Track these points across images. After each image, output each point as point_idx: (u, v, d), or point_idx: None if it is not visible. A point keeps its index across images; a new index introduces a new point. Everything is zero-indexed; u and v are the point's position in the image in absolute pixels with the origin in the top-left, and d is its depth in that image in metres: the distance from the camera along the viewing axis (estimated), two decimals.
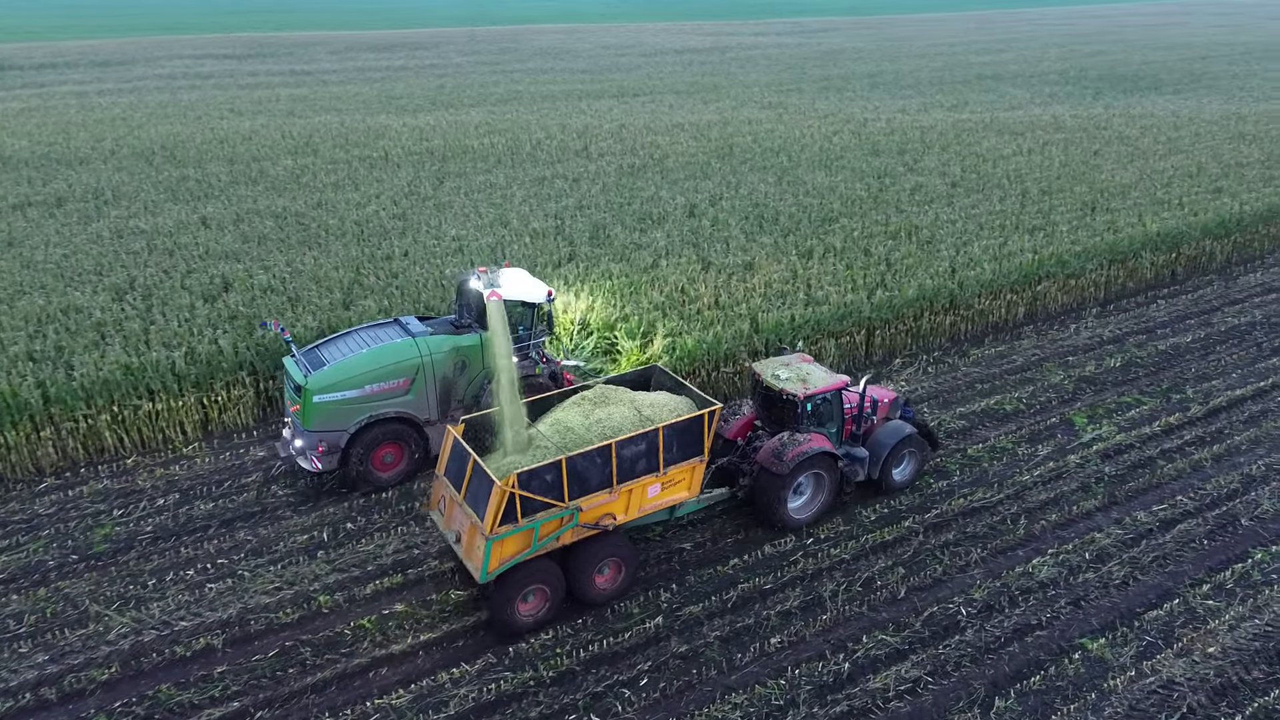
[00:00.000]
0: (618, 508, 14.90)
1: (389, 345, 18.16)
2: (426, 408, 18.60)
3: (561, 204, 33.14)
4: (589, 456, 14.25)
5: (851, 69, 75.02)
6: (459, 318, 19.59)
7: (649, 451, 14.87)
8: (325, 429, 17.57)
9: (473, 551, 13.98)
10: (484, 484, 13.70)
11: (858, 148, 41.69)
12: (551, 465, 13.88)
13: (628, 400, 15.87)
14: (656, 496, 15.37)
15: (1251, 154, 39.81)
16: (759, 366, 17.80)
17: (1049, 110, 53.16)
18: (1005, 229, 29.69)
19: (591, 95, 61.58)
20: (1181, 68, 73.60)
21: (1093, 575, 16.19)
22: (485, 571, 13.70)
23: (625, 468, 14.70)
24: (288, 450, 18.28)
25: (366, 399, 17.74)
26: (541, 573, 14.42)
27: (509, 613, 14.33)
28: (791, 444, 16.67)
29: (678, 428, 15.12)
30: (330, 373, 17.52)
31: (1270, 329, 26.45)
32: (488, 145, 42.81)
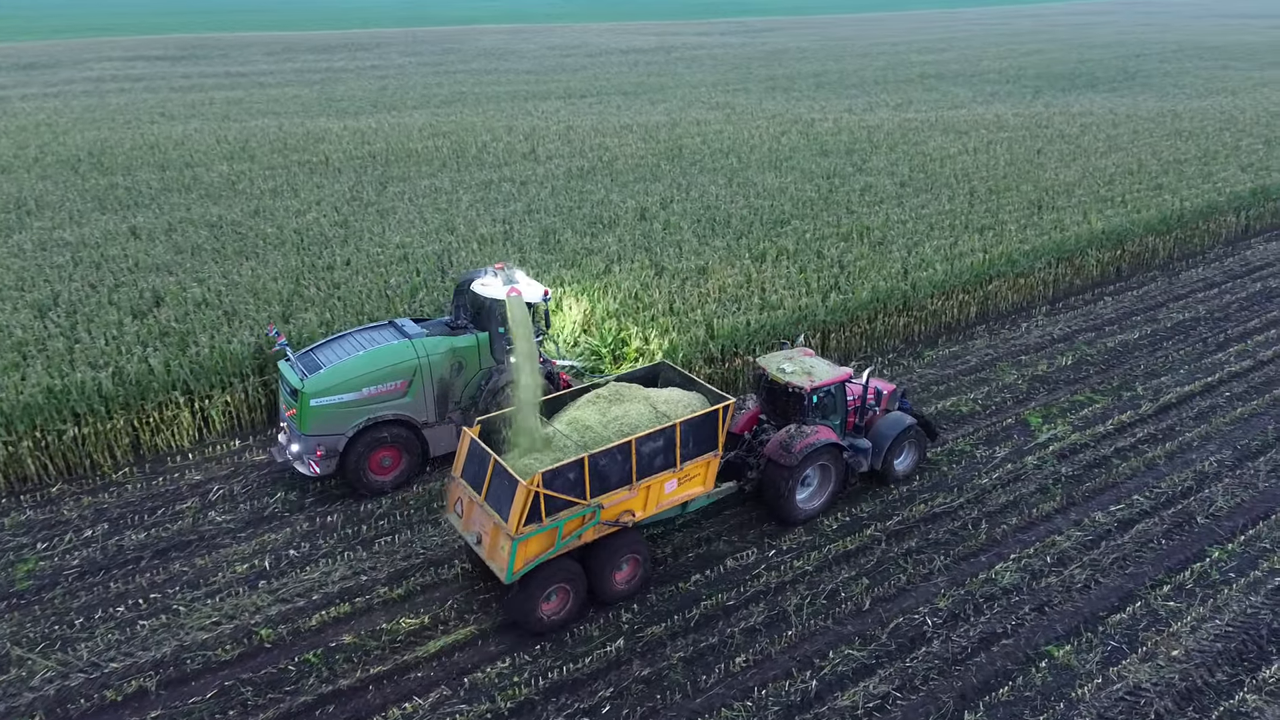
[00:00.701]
0: (636, 504, 14.92)
1: (386, 347, 17.91)
2: (424, 410, 18.40)
3: (509, 208, 32.43)
4: (610, 454, 14.26)
5: (796, 69, 75.33)
6: (454, 319, 19.32)
7: (666, 447, 14.96)
8: (323, 433, 17.31)
9: (496, 552, 13.87)
10: (507, 484, 13.67)
11: (806, 148, 41.65)
12: (574, 463, 13.84)
13: (642, 397, 15.89)
14: (673, 492, 15.46)
15: (1189, 151, 40.66)
16: (764, 361, 18.03)
17: (991, 109, 53.84)
18: (955, 229, 29.77)
19: (537, 96, 60.83)
20: (1115, 65, 75.30)
21: (1055, 579, 16.09)
22: (511, 572, 13.59)
23: (644, 464, 14.75)
24: (284, 455, 17.97)
25: (364, 402, 17.54)
26: (564, 572, 14.38)
27: (532, 613, 14.26)
28: (799, 436, 16.84)
29: (694, 423, 15.20)
30: (327, 376, 17.26)
31: (1214, 324, 26.87)
32: (432, 148, 41.89)
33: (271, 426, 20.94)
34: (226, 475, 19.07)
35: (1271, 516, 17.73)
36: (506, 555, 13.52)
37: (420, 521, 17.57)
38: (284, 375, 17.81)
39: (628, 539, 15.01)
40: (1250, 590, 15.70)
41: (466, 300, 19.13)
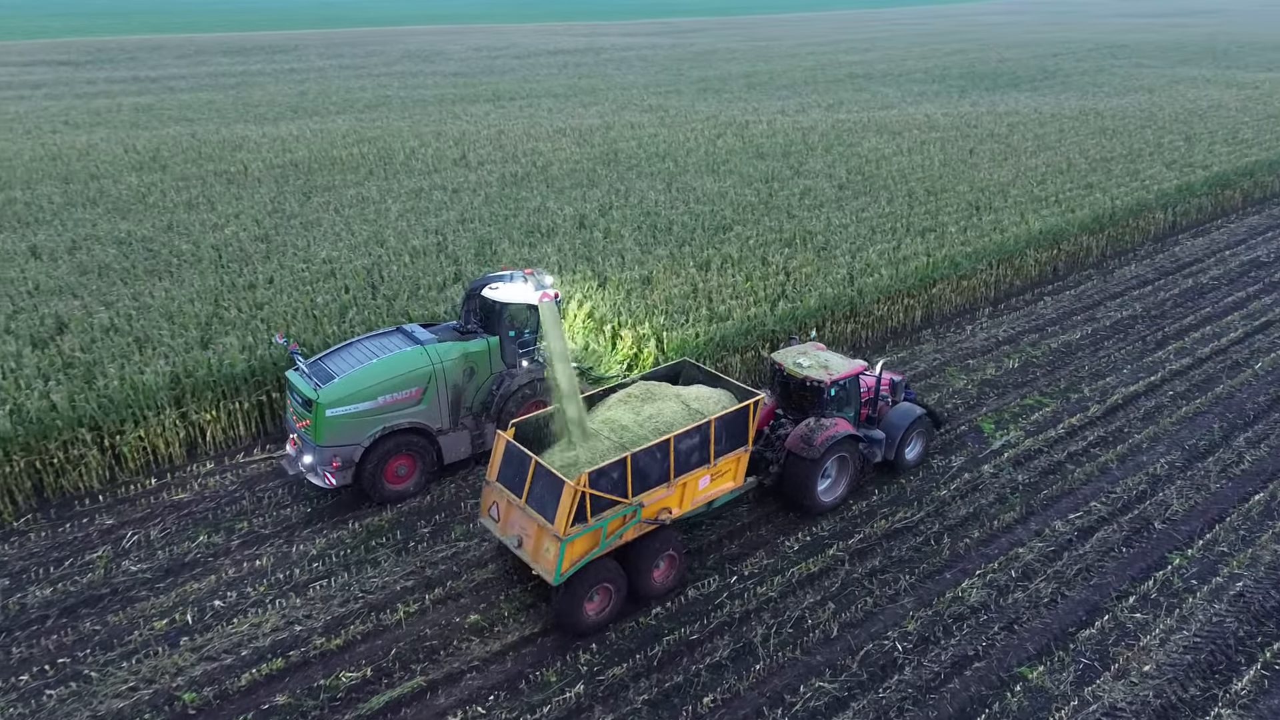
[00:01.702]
0: (673, 501, 15.06)
1: (399, 354, 17.61)
2: (438, 417, 18.18)
3: (442, 218, 31.17)
4: (650, 452, 14.37)
5: (727, 70, 75.21)
6: (463, 323, 19.08)
7: (702, 444, 15.15)
8: (338, 443, 17.03)
9: (541, 555, 13.87)
10: (551, 485, 13.68)
11: (743, 151, 41.24)
12: (618, 463, 13.90)
13: (673, 395, 16.06)
14: (707, 488, 15.66)
15: (1114, 149, 41.44)
16: (779, 356, 18.28)
17: (920, 109, 54.33)
18: (897, 232, 29.59)
19: (466, 99, 59.35)
20: (1035, 65, 77.04)
21: (1021, 595, 15.74)
22: (559, 574, 13.58)
23: (681, 461, 14.90)
24: (296, 467, 17.66)
25: (379, 410, 17.29)
26: (606, 572, 14.41)
27: (579, 614, 14.28)
28: (819, 429, 17.12)
29: (727, 419, 15.41)
30: (341, 385, 16.92)
31: (1151, 322, 27.17)
32: (357, 155, 40.25)
33: (192, 461, 19.47)
34: (142, 518, 17.57)
35: (1226, 519, 17.72)
36: (553, 557, 13.55)
37: (359, 561, 16.39)
38: (295, 385, 17.39)
39: (664, 536, 15.11)
40: (1213, 598, 15.58)
41: (476, 305, 18.96)
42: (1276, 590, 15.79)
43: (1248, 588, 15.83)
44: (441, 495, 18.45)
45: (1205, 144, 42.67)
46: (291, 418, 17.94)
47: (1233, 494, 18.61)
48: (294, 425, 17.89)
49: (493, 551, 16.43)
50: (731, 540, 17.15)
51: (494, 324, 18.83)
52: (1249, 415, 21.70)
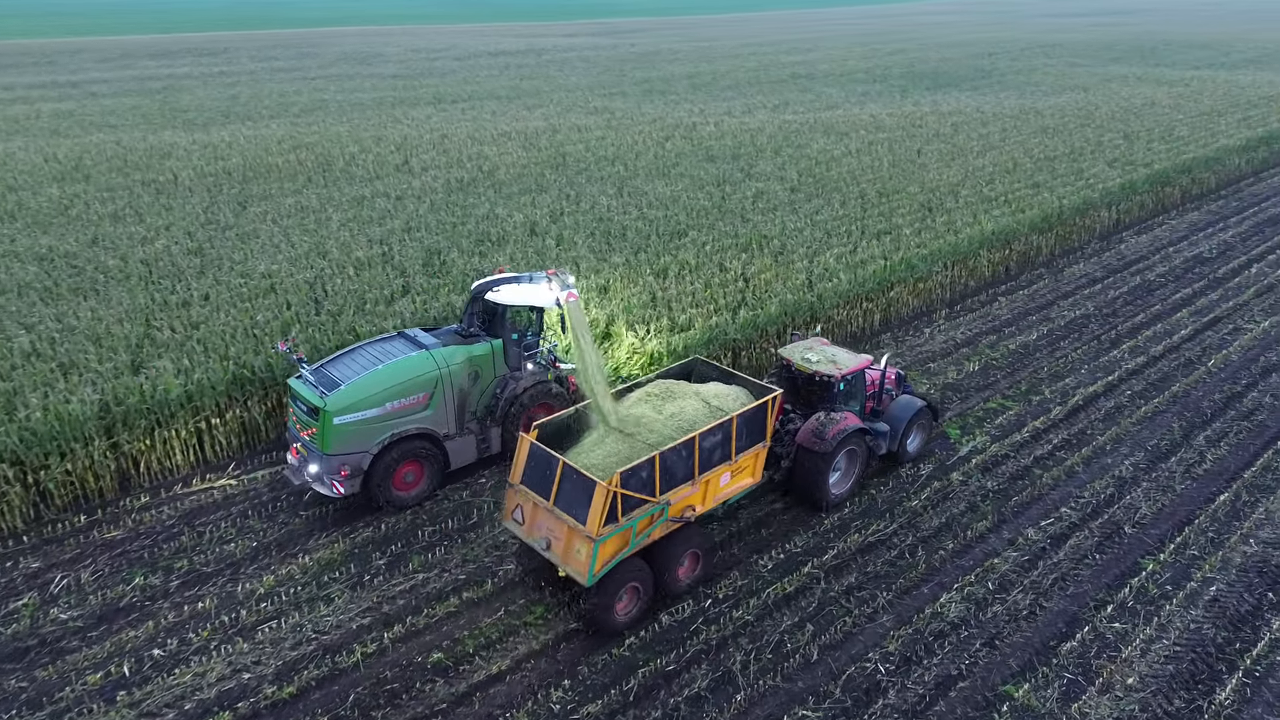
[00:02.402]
0: (697, 499, 15.10)
1: (406, 359, 17.42)
2: (445, 422, 18.01)
3: (386, 227, 30.04)
4: (676, 450, 14.43)
5: (670, 70, 74.84)
6: (466, 327, 18.85)
7: (724, 441, 15.26)
8: (346, 451, 16.75)
9: (572, 556, 13.81)
10: (581, 486, 13.65)
11: (692, 153, 40.77)
12: (647, 462, 13.92)
13: (692, 392, 16.16)
14: (728, 485, 15.76)
15: (1057, 148, 41.96)
16: (786, 352, 18.42)
17: (865, 109, 54.54)
18: (853, 235, 29.36)
19: (406, 102, 57.92)
20: (971, 64, 78.18)
21: (1000, 608, 15.44)
22: (592, 574, 13.55)
23: (704, 459, 14.99)
24: (301, 477, 17.29)
25: (387, 417, 17.05)
26: (634, 570, 14.40)
27: (610, 615, 14.25)
28: (830, 423, 17.33)
29: (747, 415, 15.57)
30: (348, 392, 16.61)
31: (1103, 320, 27.35)
32: (294, 162, 38.77)
33: (125, 495, 18.21)
34: (71, 560, 16.33)
35: (1194, 521, 17.70)
36: (585, 558, 13.51)
37: (311, 599, 15.41)
38: (299, 393, 17.03)
39: (688, 534, 15.16)
40: (1189, 604, 15.47)
41: (479, 308, 18.77)
42: (1249, 593, 15.75)
43: (1221, 592, 15.76)
44: (396, 524, 17.53)
45: (1144, 142, 43.49)
46: (295, 426, 17.45)
47: (1198, 495, 18.62)
48: (297, 434, 17.41)
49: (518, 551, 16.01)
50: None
51: (497, 327, 18.77)
52: (1206, 414, 21.85)
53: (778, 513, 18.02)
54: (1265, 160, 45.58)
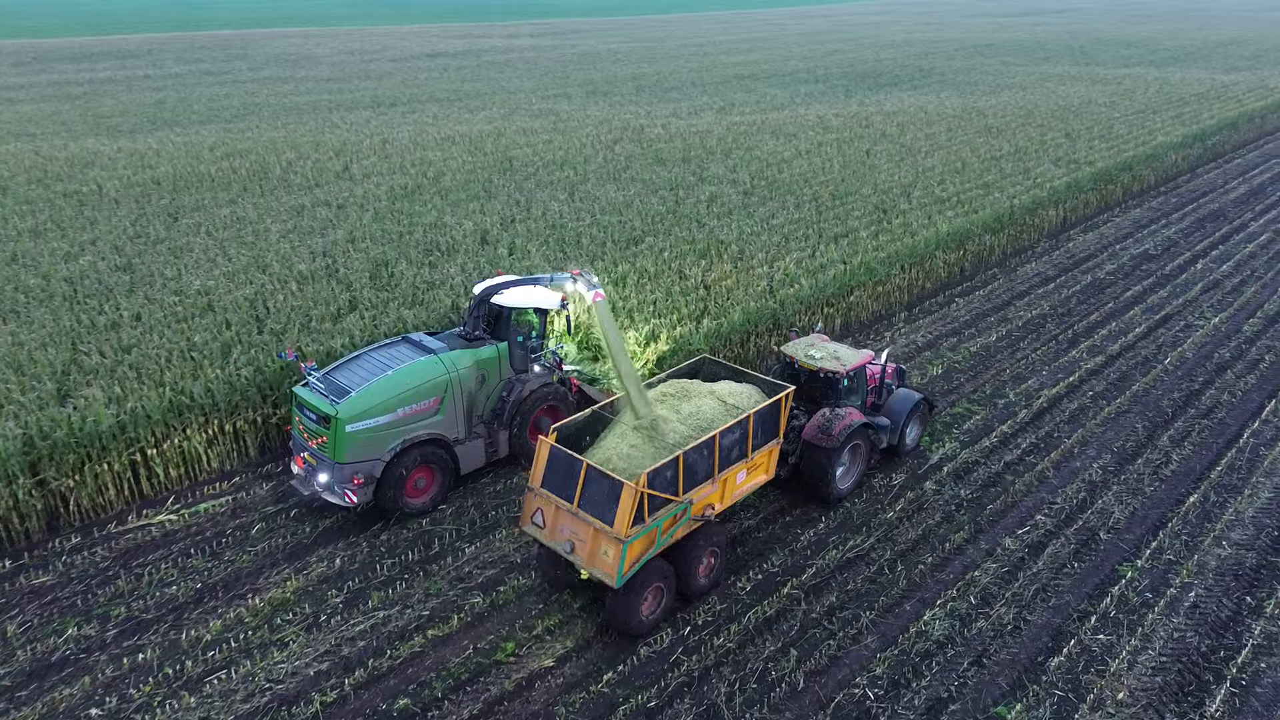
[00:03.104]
0: (716, 497, 15.14)
1: (415, 364, 17.19)
2: (455, 426, 17.85)
3: (329, 238, 28.77)
4: (698, 449, 14.45)
5: (613, 72, 74.16)
6: (469, 330, 18.61)
7: (741, 439, 15.35)
8: (359, 459, 16.49)
9: (597, 558, 13.72)
10: (607, 488, 13.58)
11: (642, 156, 40.13)
12: (670, 462, 13.91)
13: (707, 391, 16.22)
14: (744, 482, 15.83)
15: (1002, 147, 42.32)
16: (789, 349, 18.56)
17: (811, 110, 54.55)
18: (810, 239, 29.03)
19: (343, 106, 56.22)
20: (910, 64, 79.02)
21: (985, 624, 15.10)
22: (621, 575, 13.52)
23: (723, 457, 15.05)
24: (310, 487, 16.97)
25: (399, 423, 16.83)
26: (658, 571, 14.38)
27: (636, 616, 14.20)
28: (835, 419, 17.51)
29: (763, 413, 15.68)
30: (360, 399, 16.32)
31: (1060, 320, 27.45)
32: (228, 170, 37.12)
33: (54, 536, 16.87)
34: None
35: (1167, 525, 17.63)
36: (613, 559, 13.48)
37: (263, 644, 14.37)
38: (306, 402, 16.69)
39: (707, 533, 15.20)
40: (1170, 611, 15.32)
41: (484, 311, 18.63)
42: (1227, 598, 15.68)
43: (1200, 598, 15.66)
44: (352, 557, 16.54)
45: (1085, 140, 44.14)
46: (301, 436, 17.07)
47: (1167, 497, 18.59)
48: (303, 443, 17.04)
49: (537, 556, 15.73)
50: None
51: (502, 330, 18.69)
52: (1167, 413, 21.94)
53: (752, 530, 17.49)
54: (1200, 156, 46.68)
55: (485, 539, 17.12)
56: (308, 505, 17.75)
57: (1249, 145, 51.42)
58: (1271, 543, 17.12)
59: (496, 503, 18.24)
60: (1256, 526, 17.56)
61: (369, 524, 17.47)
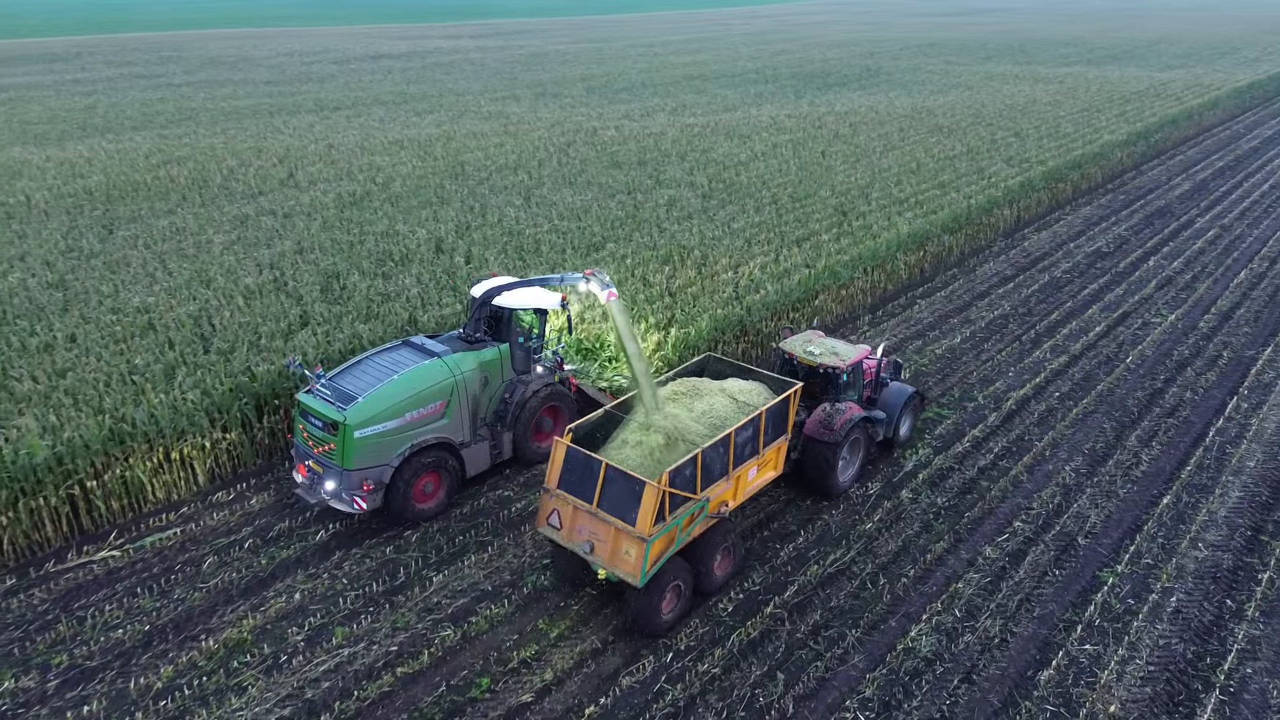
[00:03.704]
0: (729, 494, 15.26)
1: (420, 368, 17.06)
2: (461, 430, 17.74)
3: (276, 249, 27.63)
4: (715, 447, 14.56)
5: (562, 73, 73.37)
6: (470, 332, 18.47)
7: (754, 436, 15.54)
8: (368, 465, 16.37)
9: (619, 558, 13.78)
10: (629, 487, 13.62)
11: (597, 160, 39.51)
12: (690, 460, 14.00)
13: (718, 389, 16.43)
14: (755, 478, 16.01)
15: (955, 147, 42.59)
16: (788, 345, 18.79)
17: (763, 110, 54.44)
18: (773, 243, 28.71)
19: (285, 110, 54.57)
20: (856, 63, 79.61)
21: (971, 638, 14.80)
22: (645, 574, 13.59)
23: (738, 454, 15.20)
24: (316, 496, 16.70)
25: (406, 428, 16.71)
26: (677, 569, 14.45)
27: (658, 615, 14.30)
28: (836, 414, 17.72)
29: (773, 409, 15.88)
30: (367, 405, 16.19)
31: (1021, 320, 27.53)
32: (165, 179, 35.61)
33: None
34: None
35: (1143, 528, 17.58)
36: (636, 559, 13.54)
37: (219, 690, 13.44)
38: (311, 409, 16.43)
39: (722, 530, 15.30)
40: (1154, 618, 15.20)
41: (486, 313, 18.49)
42: (1208, 602, 15.62)
43: (1182, 603, 15.58)
44: (312, 590, 15.66)
45: (1034, 139, 44.67)
46: (305, 444, 16.83)
47: (1141, 499, 18.57)
48: (308, 451, 16.81)
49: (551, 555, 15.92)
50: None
51: (503, 331, 18.63)
52: (1133, 413, 22.02)
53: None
54: (1144, 153, 47.59)
55: (453, 566, 16.37)
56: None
57: (1189, 142, 52.66)
58: (1245, 543, 17.17)
59: (463, 526, 17.50)
60: (1229, 527, 17.60)
61: (328, 554, 16.61)
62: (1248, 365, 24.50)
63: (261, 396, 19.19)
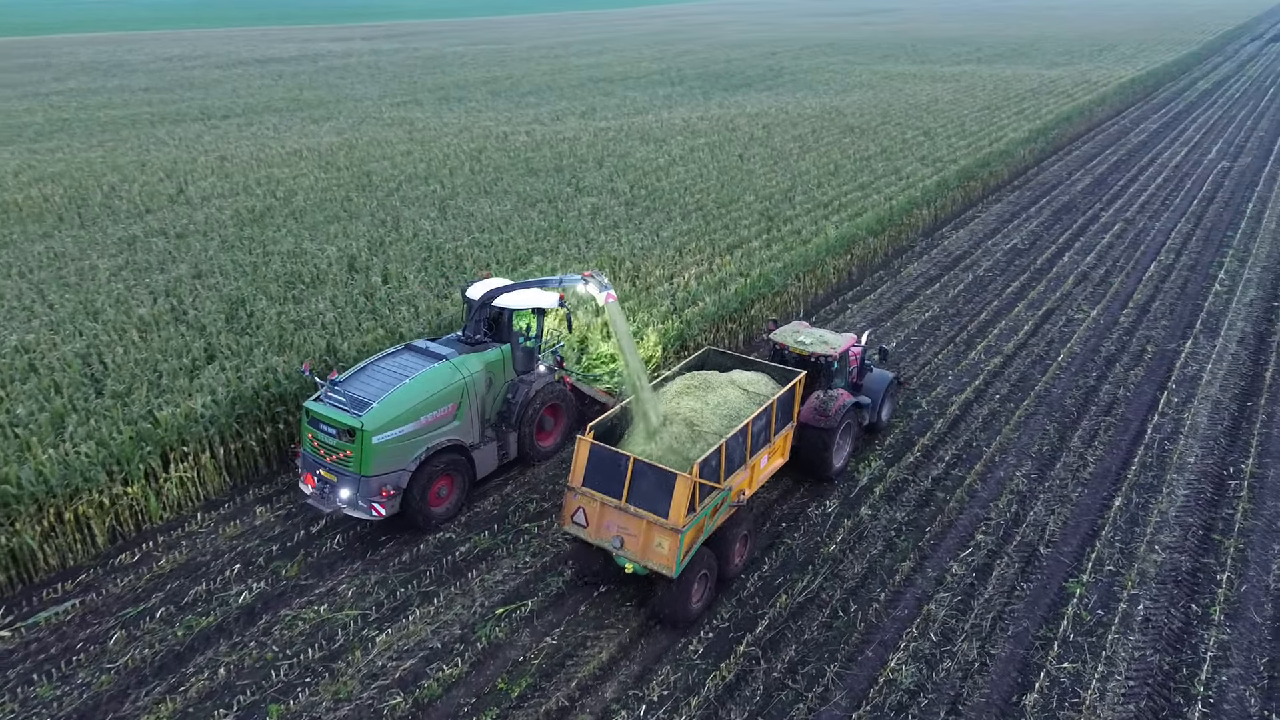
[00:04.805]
0: (746, 483, 15.69)
1: (431, 371, 17.00)
2: (471, 431, 17.75)
3: (170, 274, 25.39)
4: (735, 437, 14.98)
5: (463, 76, 71.38)
6: (471, 334, 18.33)
7: (766, 424, 16.12)
8: (387, 470, 16.23)
9: (651, 550, 14.02)
10: (660, 480, 13.93)
11: (511, 167, 38.13)
12: (715, 451, 14.38)
13: (728, 381, 17.01)
14: (766, 466, 16.55)
15: (869, 147, 42.87)
16: (778, 336, 19.35)
17: (674, 113, 53.92)
18: (704, 251, 28.00)
19: (168, 119, 51.16)
20: (759, 63, 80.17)
21: (951, 664, 14.31)
22: (680, 564, 13.86)
23: (754, 443, 15.73)
24: (331, 505, 16.45)
25: (422, 431, 16.63)
26: (703, 559, 14.67)
27: (688, 605, 14.55)
28: (830, 400, 18.24)
29: (782, 398, 16.51)
30: (384, 410, 16.02)
31: (952, 321, 27.57)
32: (38, 198, 32.59)
33: None
34: None
35: (1100, 533, 17.49)
36: (670, 550, 13.81)
37: None
38: (323, 417, 16.14)
39: (739, 518, 15.56)
40: (1126, 629, 15.01)
41: (486, 314, 18.35)
42: (1174, 608, 15.55)
43: (1150, 610, 15.46)
44: (239, 664, 14.04)
45: (944, 138, 45.40)
46: (315, 453, 16.49)
47: (1093, 502, 18.53)
48: (320, 460, 16.46)
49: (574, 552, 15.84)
50: (626, 655, 14.35)
51: (503, 332, 18.58)
52: (1072, 412, 22.13)
53: None
54: (1043, 150, 49.01)
55: (396, 623, 14.98)
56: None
57: (1082, 137, 54.60)
58: (1198, 543, 17.25)
59: (404, 577, 16.11)
60: (1182, 527, 17.69)
61: (254, 618, 15.00)
62: (1171, 359, 25.04)
63: (167, 444, 17.31)
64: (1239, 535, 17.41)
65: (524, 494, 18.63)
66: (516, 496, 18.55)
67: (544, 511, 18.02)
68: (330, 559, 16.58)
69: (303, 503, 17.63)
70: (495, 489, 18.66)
